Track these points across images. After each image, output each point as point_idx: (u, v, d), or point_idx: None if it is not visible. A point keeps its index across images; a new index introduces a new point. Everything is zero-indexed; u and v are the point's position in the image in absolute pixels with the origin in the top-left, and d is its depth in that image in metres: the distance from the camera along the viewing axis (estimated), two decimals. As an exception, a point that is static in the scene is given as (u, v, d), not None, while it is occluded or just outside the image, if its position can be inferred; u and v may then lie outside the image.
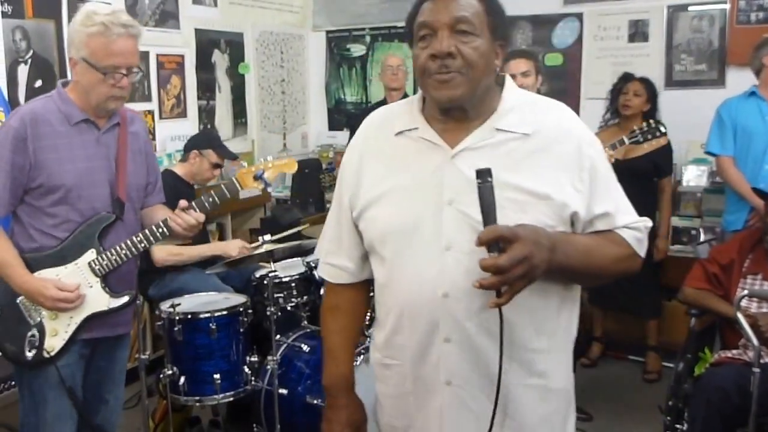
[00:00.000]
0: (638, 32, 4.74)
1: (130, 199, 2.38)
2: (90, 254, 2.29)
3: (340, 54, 5.85)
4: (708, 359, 2.91)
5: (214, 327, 2.97)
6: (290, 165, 2.58)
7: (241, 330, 3.07)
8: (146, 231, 2.32)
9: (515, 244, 1.25)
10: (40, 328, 2.29)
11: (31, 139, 2.21)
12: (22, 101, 3.56)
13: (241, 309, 3.08)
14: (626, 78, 4.14)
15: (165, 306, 3.07)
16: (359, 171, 1.54)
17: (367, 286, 1.67)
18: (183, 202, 2.34)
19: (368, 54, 5.74)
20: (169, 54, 4.60)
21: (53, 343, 2.29)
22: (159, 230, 2.32)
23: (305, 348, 3.14)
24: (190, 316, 3.00)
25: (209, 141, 3.74)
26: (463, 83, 1.38)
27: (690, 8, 4.58)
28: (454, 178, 1.41)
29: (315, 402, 2.91)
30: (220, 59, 5.03)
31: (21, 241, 2.29)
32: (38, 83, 3.72)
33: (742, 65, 3.98)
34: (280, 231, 3.66)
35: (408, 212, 1.45)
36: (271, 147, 5.48)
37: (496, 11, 1.43)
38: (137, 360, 2.93)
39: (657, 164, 3.98)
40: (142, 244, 2.32)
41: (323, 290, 1.79)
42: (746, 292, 2.52)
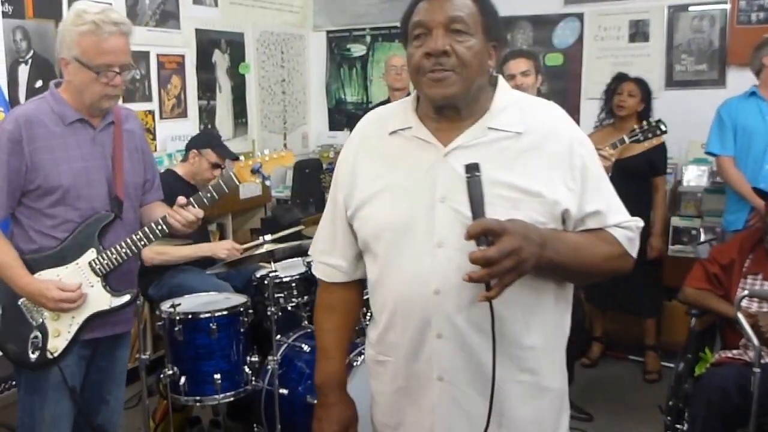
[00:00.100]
0: (639, 32, 4.74)
1: (129, 198, 2.38)
2: (90, 254, 2.29)
3: (341, 54, 5.85)
4: (708, 359, 2.91)
5: (215, 327, 2.97)
6: (287, 158, 2.57)
7: (242, 330, 3.07)
8: (145, 229, 2.31)
9: (504, 237, 1.26)
10: (43, 330, 2.28)
11: (27, 141, 2.20)
12: (23, 101, 3.56)
13: (242, 309, 3.08)
14: (620, 78, 4.16)
15: (165, 306, 3.06)
16: (354, 171, 1.56)
17: (361, 286, 1.68)
18: (181, 199, 2.34)
19: (369, 54, 5.74)
20: (170, 54, 4.61)
21: (56, 344, 2.28)
22: (158, 228, 2.31)
23: (306, 348, 3.14)
24: (191, 316, 3.00)
25: (208, 141, 3.74)
26: (457, 82, 1.40)
27: (690, 8, 4.59)
28: (447, 176, 1.42)
29: (315, 402, 2.90)
30: (221, 59, 5.04)
31: (21, 243, 2.28)
32: (39, 83, 3.73)
33: (743, 65, 3.98)
34: (280, 231, 3.65)
35: (401, 210, 1.46)
36: (272, 147, 5.44)
37: (491, 12, 1.45)
38: (138, 360, 2.93)
39: (652, 163, 3.99)
40: (142, 242, 2.31)
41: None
42: (747, 292, 2.52)
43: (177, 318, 2.98)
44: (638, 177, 3.96)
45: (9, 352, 2.34)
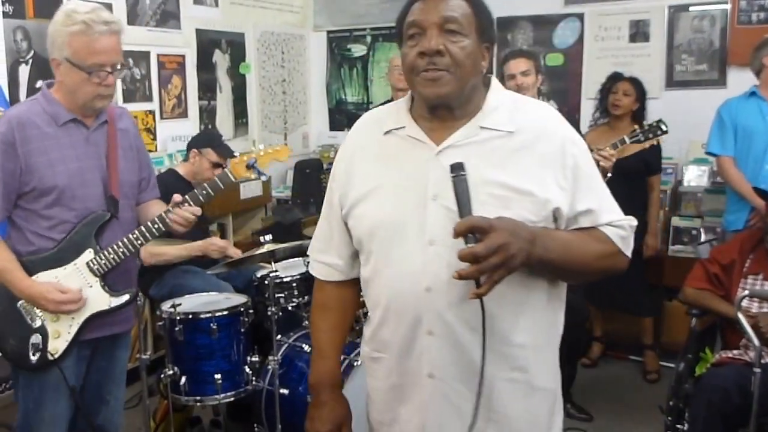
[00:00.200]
0: (639, 32, 4.74)
1: (125, 196, 2.37)
2: (88, 254, 2.28)
3: (341, 54, 5.85)
4: (709, 359, 2.91)
5: (215, 327, 2.97)
6: (282, 152, 2.55)
7: (242, 330, 3.07)
8: (142, 228, 2.31)
9: (491, 234, 1.28)
10: (43, 331, 2.28)
11: (20, 143, 2.19)
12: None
13: (242, 309, 3.08)
14: (615, 77, 4.17)
15: (166, 306, 3.06)
16: (349, 170, 1.58)
17: (357, 285, 1.69)
18: (177, 197, 2.33)
19: (369, 54, 5.74)
20: (170, 54, 4.61)
21: (57, 346, 2.28)
22: (155, 226, 2.31)
23: (306, 348, 3.14)
24: (191, 316, 3.00)
25: (209, 140, 3.74)
26: (451, 81, 1.42)
27: (691, 8, 4.59)
28: (439, 175, 1.43)
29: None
30: (221, 59, 5.04)
31: (18, 245, 2.27)
32: (39, 83, 3.72)
33: (743, 65, 3.98)
34: (281, 232, 3.65)
35: (394, 208, 1.48)
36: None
37: (484, 14, 1.47)
38: (138, 360, 2.93)
39: (647, 162, 3.99)
40: (139, 242, 2.30)
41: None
42: (747, 293, 2.52)
43: (177, 318, 2.98)
44: (634, 176, 3.96)
45: (9, 354, 2.33)
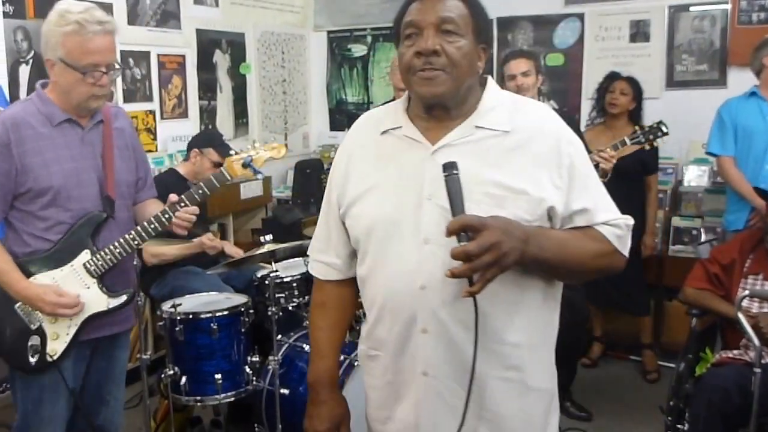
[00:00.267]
0: (639, 32, 4.74)
1: (121, 196, 2.36)
2: (84, 255, 2.27)
3: (342, 54, 5.85)
4: (709, 359, 2.91)
5: (216, 327, 2.97)
6: (278, 150, 2.55)
7: (243, 330, 3.07)
8: (138, 228, 2.30)
9: (484, 232, 1.29)
10: (41, 333, 2.27)
11: (15, 144, 2.18)
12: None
13: (243, 309, 3.08)
14: (613, 77, 4.20)
15: (166, 306, 3.07)
16: (347, 170, 1.59)
17: (356, 284, 1.69)
18: (173, 196, 2.32)
19: (369, 54, 5.73)
20: (171, 54, 4.61)
21: (55, 347, 2.27)
22: (151, 226, 2.30)
23: (307, 348, 3.14)
24: (192, 316, 3.00)
25: (210, 140, 3.74)
26: (447, 81, 1.43)
27: (691, 8, 4.58)
28: (434, 174, 1.43)
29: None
30: (222, 59, 5.04)
31: (15, 247, 2.26)
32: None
33: (744, 65, 3.97)
34: (282, 232, 3.65)
35: (390, 207, 1.49)
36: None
37: (481, 15, 1.49)
38: (139, 360, 2.93)
39: (644, 162, 3.98)
40: (135, 242, 2.30)
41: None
42: (747, 293, 2.52)
43: (178, 318, 2.98)
44: (631, 176, 3.95)
45: (8, 357, 2.32)
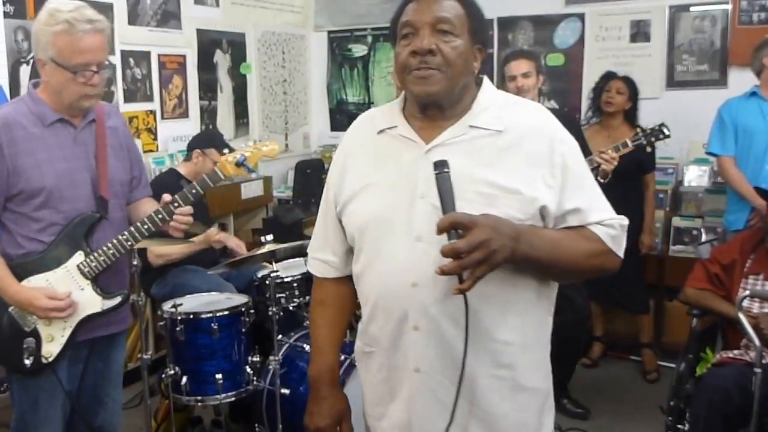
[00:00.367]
0: (640, 32, 4.74)
1: (115, 196, 2.34)
2: (78, 256, 2.26)
3: (342, 54, 5.85)
4: (710, 359, 2.91)
5: (216, 327, 2.97)
6: (272, 150, 2.54)
7: (243, 330, 3.08)
8: (132, 228, 2.28)
9: (473, 230, 1.30)
10: (36, 335, 2.25)
11: (6, 145, 2.16)
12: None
13: (243, 309, 3.09)
14: (609, 76, 4.23)
15: (167, 306, 3.07)
16: (344, 168, 1.61)
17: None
18: (166, 196, 2.31)
19: (370, 54, 5.73)
20: (171, 54, 4.61)
21: (50, 349, 2.26)
22: (144, 227, 2.28)
23: (307, 348, 3.13)
24: (192, 316, 3.00)
25: (211, 140, 3.74)
26: (441, 81, 1.45)
27: (692, 8, 4.58)
28: (427, 173, 1.44)
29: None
30: (222, 59, 5.04)
31: (9, 249, 2.25)
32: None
33: (744, 66, 3.97)
34: (283, 232, 3.65)
35: (384, 205, 1.51)
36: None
37: (477, 16, 1.50)
38: (140, 360, 2.93)
39: (641, 161, 3.97)
40: (129, 243, 2.28)
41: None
42: (748, 293, 2.52)
43: (179, 318, 2.98)
44: (628, 175, 3.95)
45: (3, 359, 2.31)
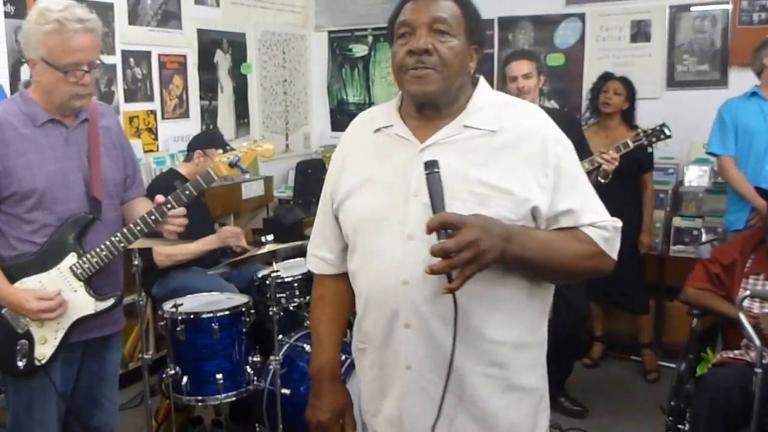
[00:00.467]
0: (640, 32, 4.74)
1: (109, 196, 2.33)
2: (71, 258, 2.24)
3: (343, 54, 5.85)
4: (710, 359, 2.91)
5: (217, 327, 2.98)
6: (266, 150, 2.53)
7: (244, 330, 3.08)
8: (125, 230, 2.26)
9: (463, 230, 1.31)
10: (29, 337, 2.24)
11: None
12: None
13: (244, 309, 3.09)
14: (606, 77, 4.24)
15: (167, 306, 3.07)
16: (342, 166, 1.63)
17: None
18: (159, 197, 2.29)
19: (370, 54, 5.74)
20: (172, 54, 4.62)
21: (43, 351, 2.24)
22: (137, 228, 2.26)
23: (308, 348, 3.14)
24: (193, 316, 3.01)
25: (212, 140, 3.74)
26: (437, 80, 1.46)
27: (692, 8, 4.58)
28: (421, 172, 1.45)
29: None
30: (223, 59, 5.04)
31: (1, 250, 2.24)
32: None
33: (745, 66, 3.96)
34: (283, 232, 3.66)
35: (378, 203, 1.52)
36: (274, 147, 5.48)
37: (474, 16, 1.52)
38: (140, 360, 2.93)
39: (639, 161, 3.97)
40: (122, 244, 2.26)
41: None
42: (748, 293, 2.52)
43: (179, 318, 2.98)
44: (627, 175, 3.95)
45: None
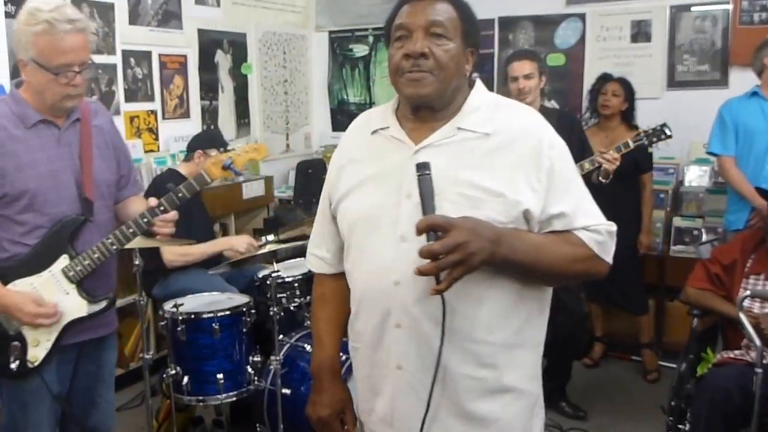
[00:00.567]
0: (641, 32, 4.74)
1: (101, 197, 2.31)
2: (63, 260, 2.22)
3: (343, 54, 5.85)
4: (710, 359, 2.91)
5: (217, 327, 2.98)
6: (259, 152, 2.51)
7: (244, 330, 3.08)
8: (117, 232, 2.25)
9: (451, 232, 1.32)
10: (21, 339, 2.21)
11: None
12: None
13: (244, 309, 3.09)
14: (605, 78, 4.24)
15: (168, 306, 3.08)
16: (340, 167, 1.65)
17: None
18: (153, 201, 2.28)
19: (371, 54, 5.74)
20: (172, 54, 4.62)
21: (36, 354, 2.23)
22: (129, 230, 2.25)
23: (308, 348, 3.15)
24: (194, 316, 3.01)
25: (212, 140, 3.74)
26: (433, 83, 1.47)
27: (693, 8, 4.58)
28: (413, 174, 1.45)
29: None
30: (223, 59, 5.04)
31: None
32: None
33: (745, 66, 3.96)
34: (284, 231, 3.66)
35: (372, 204, 1.54)
36: (274, 147, 5.49)
37: (470, 19, 1.53)
38: (141, 360, 2.93)
39: (637, 161, 3.97)
40: (114, 247, 2.25)
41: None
42: (749, 293, 2.52)
43: (180, 318, 2.98)
44: (626, 175, 3.95)
45: None
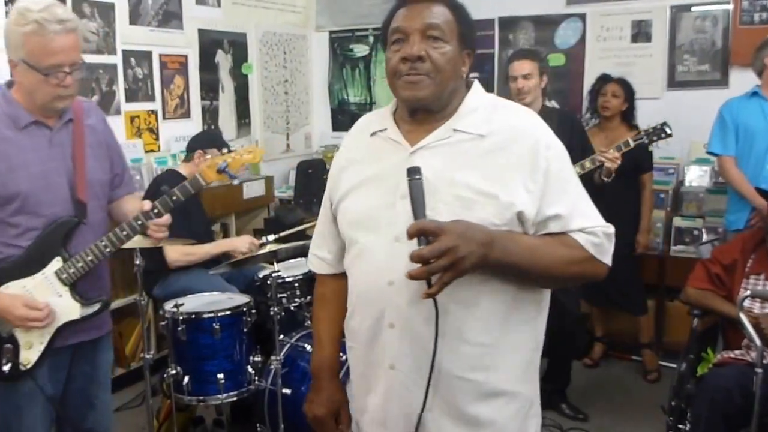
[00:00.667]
0: (641, 32, 4.74)
1: (95, 197, 2.29)
2: (56, 263, 2.21)
3: (343, 54, 5.86)
4: (711, 359, 2.91)
5: (218, 327, 2.98)
6: (254, 156, 2.50)
7: (245, 330, 3.08)
8: (110, 235, 2.24)
9: (441, 237, 1.32)
10: (14, 341, 2.20)
11: None
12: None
13: (245, 309, 3.09)
14: (604, 79, 4.25)
15: (169, 306, 3.08)
16: (341, 168, 1.67)
17: None
18: (147, 204, 2.27)
19: (371, 54, 5.74)
20: (173, 54, 4.62)
21: (28, 356, 2.21)
22: (123, 233, 2.24)
23: (309, 348, 3.15)
24: (194, 316, 3.01)
25: (212, 140, 3.73)
26: (430, 86, 1.48)
27: (693, 8, 4.58)
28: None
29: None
30: (224, 59, 5.05)
31: None
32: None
33: (746, 66, 3.96)
34: (284, 231, 3.66)
35: (369, 205, 1.56)
36: (275, 147, 5.50)
37: (466, 22, 1.53)
38: (141, 360, 2.94)
39: (637, 161, 3.97)
40: (108, 249, 2.23)
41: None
42: (749, 293, 2.52)
43: (180, 318, 2.99)
44: (625, 175, 3.95)
45: None
